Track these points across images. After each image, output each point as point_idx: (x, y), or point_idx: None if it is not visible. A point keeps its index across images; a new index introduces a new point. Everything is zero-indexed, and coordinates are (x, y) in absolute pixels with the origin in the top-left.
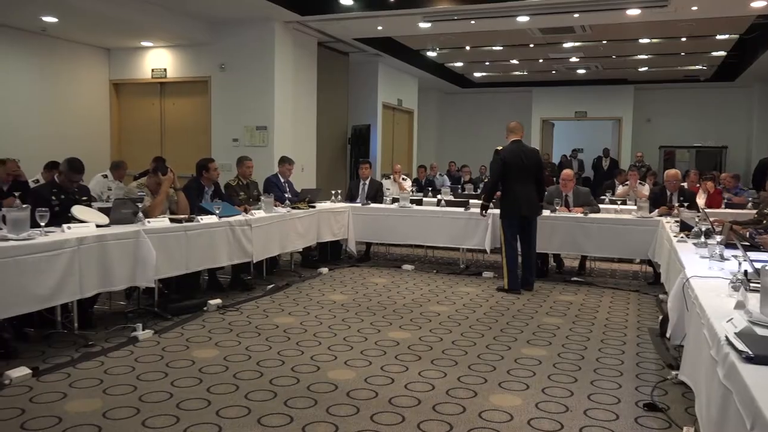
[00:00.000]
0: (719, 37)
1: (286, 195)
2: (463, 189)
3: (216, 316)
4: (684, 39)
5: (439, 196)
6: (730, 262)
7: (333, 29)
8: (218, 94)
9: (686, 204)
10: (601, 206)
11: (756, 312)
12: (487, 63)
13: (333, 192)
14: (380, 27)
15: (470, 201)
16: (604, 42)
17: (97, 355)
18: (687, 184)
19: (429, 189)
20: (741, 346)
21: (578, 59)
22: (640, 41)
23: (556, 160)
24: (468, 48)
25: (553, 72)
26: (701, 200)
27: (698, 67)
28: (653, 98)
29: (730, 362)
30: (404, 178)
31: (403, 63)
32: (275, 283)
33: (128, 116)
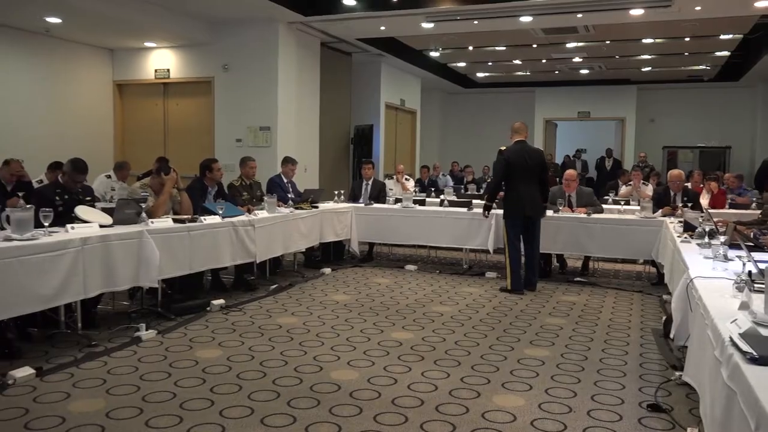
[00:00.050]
0: (723, 37)
1: (289, 195)
2: (466, 189)
3: (219, 317)
4: (687, 39)
5: (442, 197)
6: (734, 263)
7: (336, 29)
8: (221, 95)
9: (690, 204)
10: (605, 206)
11: (760, 313)
12: (490, 63)
13: (336, 192)
14: (383, 27)
15: (473, 201)
16: (608, 42)
17: (101, 355)
18: (690, 185)
19: (432, 189)
20: (745, 347)
21: (581, 59)
22: (644, 41)
23: (559, 161)
24: (471, 48)
25: (556, 72)
26: (705, 200)
27: (702, 67)
28: (656, 98)
29: (735, 363)
30: (407, 179)
31: (406, 63)
32: (278, 284)
33: (131, 117)
